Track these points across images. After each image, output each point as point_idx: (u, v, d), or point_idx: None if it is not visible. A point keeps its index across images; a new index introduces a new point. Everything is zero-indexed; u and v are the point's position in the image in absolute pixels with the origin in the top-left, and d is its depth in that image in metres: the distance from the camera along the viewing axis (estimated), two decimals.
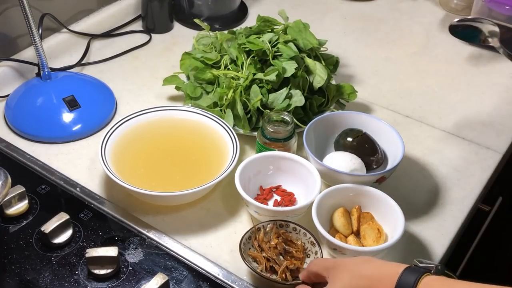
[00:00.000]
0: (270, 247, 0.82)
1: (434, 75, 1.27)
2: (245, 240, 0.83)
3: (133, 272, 0.83)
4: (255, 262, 0.82)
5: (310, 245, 0.84)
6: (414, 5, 1.51)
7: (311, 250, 0.84)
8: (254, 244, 0.84)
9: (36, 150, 1.03)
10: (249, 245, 0.84)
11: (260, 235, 0.84)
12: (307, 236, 0.85)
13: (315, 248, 0.83)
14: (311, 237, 0.84)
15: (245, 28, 1.14)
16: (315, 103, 1.06)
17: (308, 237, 0.84)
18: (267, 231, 0.85)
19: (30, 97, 1.08)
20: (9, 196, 0.87)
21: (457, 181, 1.02)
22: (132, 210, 0.93)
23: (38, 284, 0.80)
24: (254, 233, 0.84)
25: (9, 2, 1.12)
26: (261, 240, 0.83)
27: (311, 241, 0.84)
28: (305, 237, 0.85)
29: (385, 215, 0.88)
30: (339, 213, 0.88)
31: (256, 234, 0.84)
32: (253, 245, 0.84)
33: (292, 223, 0.86)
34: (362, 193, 0.90)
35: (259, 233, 0.84)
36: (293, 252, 0.83)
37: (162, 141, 1.01)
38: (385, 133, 0.99)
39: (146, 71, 1.23)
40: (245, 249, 0.82)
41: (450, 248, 0.92)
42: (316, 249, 0.83)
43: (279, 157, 0.95)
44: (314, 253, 0.83)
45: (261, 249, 0.83)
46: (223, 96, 1.04)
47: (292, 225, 0.86)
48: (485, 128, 1.13)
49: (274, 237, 0.83)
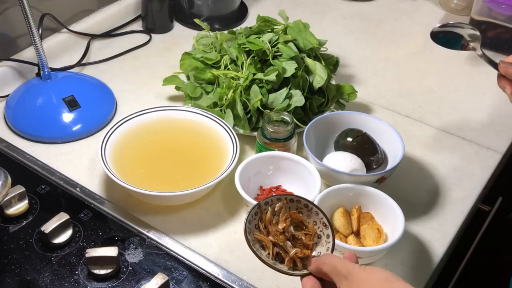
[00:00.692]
0: (277, 231, 0.74)
1: (434, 75, 1.27)
2: (250, 218, 0.74)
3: (133, 272, 0.83)
4: (261, 247, 0.74)
5: (322, 226, 0.76)
6: (414, 5, 1.51)
7: (322, 231, 0.75)
8: (260, 226, 0.75)
9: (36, 150, 1.03)
10: (255, 222, 0.75)
11: (267, 215, 0.75)
12: (319, 215, 0.76)
13: (327, 230, 0.75)
14: (323, 218, 0.75)
15: (245, 28, 1.14)
16: (315, 103, 1.06)
17: (321, 217, 0.76)
18: (275, 210, 0.76)
19: (30, 97, 1.08)
20: (9, 196, 0.87)
21: (457, 181, 1.02)
22: (132, 210, 0.93)
23: (38, 284, 0.80)
24: (260, 210, 0.75)
25: (9, 2, 1.12)
26: (268, 221, 0.75)
27: (323, 222, 0.75)
28: (317, 216, 0.76)
29: (385, 215, 0.88)
30: (339, 213, 0.88)
31: (262, 213, 0.75)
32: (259, 226, 0.75)
33: (304, 200, 0.76)
34: (362, 193, 0.90)
35: (266, 212, 0.75)
36: (303, 238, 0.75)
37: (162, 141, 1.01)
38: (385, 133, 0.99)
39: (146, 71, 1.23)
40: (250, 229, 0.74)
41: (450, 248, 0.92)
42: (328, 232, 0.74)
43: (279, 157, 0.95)
44: (326, 236, 0.75)
45: (267, 232, 0.74)
46: (223, 96, 1.04)
47: (303, 201, 0.76)
48: (485, 128, 1.13)
49: (283, 219, 0.75)
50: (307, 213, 0.77)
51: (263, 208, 0.76)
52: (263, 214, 0.75)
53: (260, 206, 0.75)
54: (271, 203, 0.76)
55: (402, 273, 0.86)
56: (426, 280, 0.86)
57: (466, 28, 0.93)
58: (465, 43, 0.93)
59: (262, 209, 0.76)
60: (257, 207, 0.75)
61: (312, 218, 0.77)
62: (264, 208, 0.76)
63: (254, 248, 0.72)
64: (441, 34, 0.94)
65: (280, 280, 0.84)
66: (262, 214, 0.75)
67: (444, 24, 0.94)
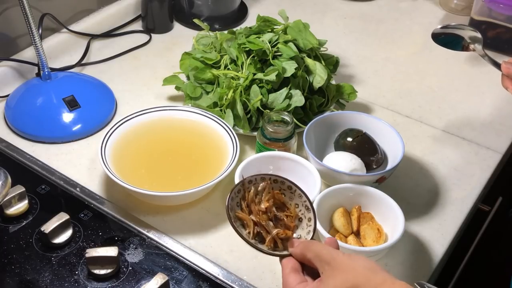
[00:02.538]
0: (259, 210, 0.73)
1: (434, 75, 1.27)
2: (233, 195, 0.73)
3: (133, 272, 0.83)
4: (242, 225, 0.74)
5: (304, 209, 0.75)
6: (414, 5, 1.51)
7: (304, 214, 0.75)
8: (242, 205, 0.74)
9: (36, 150, 1.03)
10: (237, 200, 0.74)
11: (250, 194, 0.74)
12: (302, 198, 0.75)
13: (309, 214, 0.74)
14: (306, 201, 0.75)
15: (245, 28, 1.14)
16: (315, 103, 1.06)
17: (304, 200, 0.75)
18: (258, 190, 0.75)
19: (30, 97, 1.08)
20: (9, 196, 0.87)
21: (457, 181, 1.02)
22: (132, 210, 0.93)
23: (38, 284, 0.80)
24: (244, 188, 0.74)
25: (9, 2, 1.12)
26: (250, 200, 0.74)
27: (305, 206, 0.75)
28: (300, 199, 0.76)
29: (385, 215, 0.88)
30: (339, 213, 0.88)
31: (245, 191, 0.74)
32: (241, 204, 0.74)
33: (288, 181, 0.76)
34: (362, 193, 0.90)
35: (249, 191, 0.74)
36: (284, 219, 0.74)
37: (162, 141, 1.01)
38: (385, 133, 0.99)
39: (146, 71, 1.23)
40: (232, 206, 0.73)
41: (450, 248, 0.92)
42: (310, 215, 0.74)
43: (279, 157, 0.95)
44: (307, 220, 0.74)
45: (249, 210, 0.73)
46: (223, 96, 1.04)
47: (287, 183, 0.76)
48: (485, 128, 1.13)
49: (265, 199, 0.74)
50: (290, 195, 0.76)
51: (246, 187, 0.75)
52: (246, 192, 0.74)
53: (244, 184, 0.74)
54: (254, 182, 0.75)
55: (402, 273, 0.86)
56: (426, 280, 0.86)
57: (467, 30, 0.94)
58: (466, 44, 0.94)
59: (245, 187, 0.75)
60: (241, 184, 0.74)
61: (295, 200, 0.76)
62: (247, 186, 0.75)
63: (235, 225, 0.72)
64: (442, 36, 0.95)
65: (280, 280, 0.84)
66: (245, 192, 0.74)
67: (445, 25, 0.95)
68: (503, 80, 0.87)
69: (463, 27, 0.94)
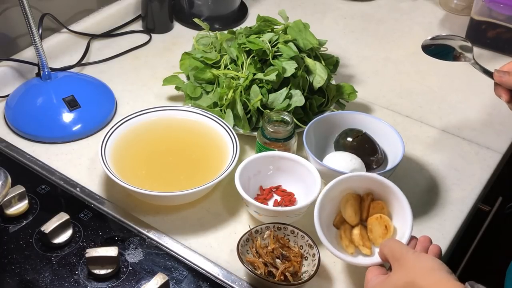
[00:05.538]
0: (267, 252, 0.82)
1: (434, 75, 1.27)
2: (242, 242, 0.83)
3: (133, 272, 0.83)
4: (254, 268, 0.81)
5: (308, 248, 0.84)
6: (414, 5, 1.51)
7: (308, 252, 0.84)
8: (252, 251, 0.83)
9: (36, 150, 1.03)
10: (246, 247, 0.83)
11: (257, 241, 0.83)
12: (305, 238, 0.84)
13: (313, 250, 0.83)
14: (309, 240, 0.84)
15: (245, 28, 1.14)
16: (315, 103, 1.06)
17: (306, 239, 0.84)
18: (264, 237, 0.84)
19: (30, 97, 1.08)
20: (9, 196, 0.87)
21: (457, 181, 1.02)
22: (132, 210, 0.93)
23: (38, 284, 0.80)
24: (251, 237, 0.84)
25: (9, 2, 1.12)
26: (258, 246, 0.83)
27: (308, 244, 0.84)
28: (303, 239, 0.85)
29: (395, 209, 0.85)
30: (348, 199, 0.85)
31: (253, 239, 0.84)
32: (250, 251, 0.83)
33: (290, 226, 0.85)
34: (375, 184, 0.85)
35: (256, 239, 0.84)
36: (291, 256, 0.83)
37: (162, 141, 1.01)
38: (385, 133, 0.99)
39: (146, 71, 1.23)
40: (242, 251, 0.82)
41: (450, 248, 0.92)
42: (313, 251, 0.83)
43: (279, 157, 0.95)
44: (312, 256, 0.83)
45: (258, 255, 0.82)
46: (223, 96, 1.04)
47: (290, 228, 0.85)
48: (485, 128, 1.13)
49: (272, 243, 0.83)
50: (294, 238, 0.85)
51: (253, 236, 0.84)
52: (254, 241, 0.84)
53: (251, 234, 0.84)
54: (260, 231, 0.85)
55: None
56: None
57: (457, 40, 0.95)
58: (457, 54, 0.94)
59: (253, 237, 0.84)
60: (248, 234, 0.84)
61: (299, 242, 0.85)
62: (254, 236, 0.84)
63: (248, 267, 0.79)
64: (432, 46, 0.96)
65: None
66: (253, 241, 0.84)
67: (435, 36, 0.96)
68: (496, 89, 0.88)
69: (453, 37, 0.95)
